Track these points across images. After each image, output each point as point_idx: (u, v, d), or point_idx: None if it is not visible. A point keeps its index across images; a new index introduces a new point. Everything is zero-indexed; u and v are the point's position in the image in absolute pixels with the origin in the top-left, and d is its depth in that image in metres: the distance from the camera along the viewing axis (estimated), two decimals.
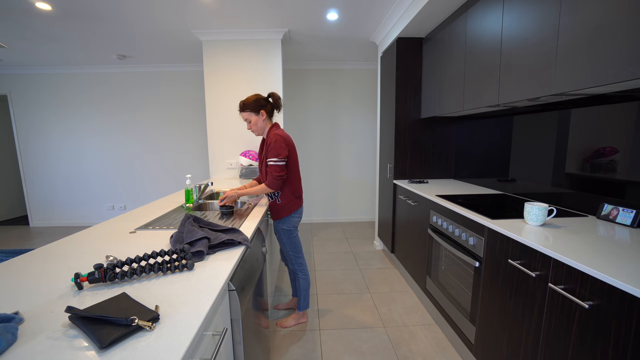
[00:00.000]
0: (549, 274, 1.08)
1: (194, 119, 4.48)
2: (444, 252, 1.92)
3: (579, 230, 1.26)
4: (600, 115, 1.44)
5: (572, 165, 1.60)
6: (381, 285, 2.62)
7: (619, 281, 0.82)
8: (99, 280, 0.84)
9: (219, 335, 0.81)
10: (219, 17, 2.74)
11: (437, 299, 2.03)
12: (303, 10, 2.61)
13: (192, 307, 0.74)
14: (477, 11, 1.90)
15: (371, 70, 4.37)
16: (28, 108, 4.42)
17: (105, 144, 4.54)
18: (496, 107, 1.85)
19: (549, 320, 1.09)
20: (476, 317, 1.55)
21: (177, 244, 1.14)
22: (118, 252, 1.11)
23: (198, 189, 1.98)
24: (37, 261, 1.04)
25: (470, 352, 1.63)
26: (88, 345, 0.61)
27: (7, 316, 0.66)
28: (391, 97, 2.87)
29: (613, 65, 1.06)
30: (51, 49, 3.51)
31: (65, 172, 4.58)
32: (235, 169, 3.27)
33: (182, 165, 4.59)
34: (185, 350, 0.60)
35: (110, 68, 4.32)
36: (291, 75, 4.33)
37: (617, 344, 0.84)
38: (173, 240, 1.18)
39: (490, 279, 1.43)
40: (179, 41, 3.32)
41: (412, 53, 2.73)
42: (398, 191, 2.78)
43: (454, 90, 2.19)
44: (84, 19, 2.69)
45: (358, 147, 4.54)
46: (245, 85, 3.15)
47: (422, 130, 2.82)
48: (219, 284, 0.86)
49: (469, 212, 1.60)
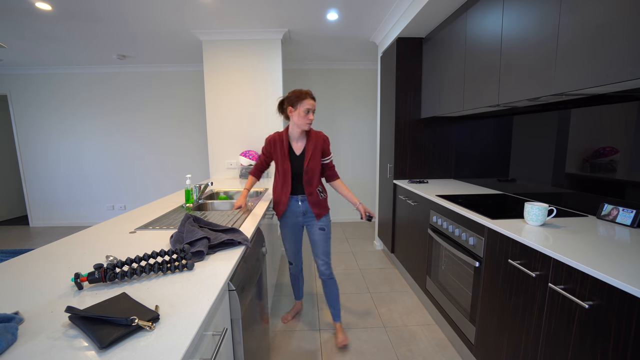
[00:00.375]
0: (549, 274, 1.08)
1: (194, 119, 4.48)
2: (444, 252, 1.92)
3: (579, 230, 1.26)
4: (600, 115, 1.44)
5: (572, 165, 1.60)
6: (381, 285, 2.62)
7: (619, 281, 0.82)
8: (99, 280, 0.84)
9: (219, 335, 0.81)
10: (218, 17, 2.74)
11: (437, 299, 2.03)
12: (303, 10, 2.61)
13: (192, 307, 0.74)
14: (477, 11, 1.90)
15: (371, 70, 4.37)
16: (28, 108, 4.42)
17: (105, 143, 4.54)
18: (496, 107, 1.85)
19: (549, 320, 1.08)
20: (476, 317, 1.55)
21: (177, 244, 1.14)
22: (118, 252, 1.11)
23: (198, 189, 1.98)
24: (37, 261, 1.04)
25: (470, 352, 1.63)
26: (88, 345, 0.61)
27: (7, 316, 0.66)
28: (391, 97, 2.87)
29: (613, 65, 1.06)
30: (51, 49, 3.51)
31: (65, 171, 4.58)
32: (235, 169, 3.27)
33: (182, 165, 4.59)
34: (185, 350, 0.60)
35: (111, 68, 4.32)
36: (291, 75, 4.33)
37: (617, 344, 0.84)
38: (173, 240, 1.18)
39: (490, 279, 1.43)
40: (179, 41, 3.32)
41: (412, 53, 2.73)
42: (398, 191, 2.78)
43: (454, 90, 2.19)
44: (84, 19, 2.69)
45: (358, 147, 4.54)
46: (245, 85, 3.16)
47: (422, 130, 2.82)
48: (219, 284, 0.86)
49: (469, 212, 1.60)
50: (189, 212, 1.78)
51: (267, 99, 3.16)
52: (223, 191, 2.45)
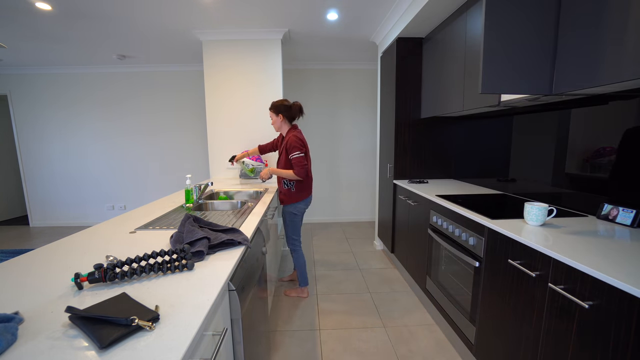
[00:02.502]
0: (548, 274, 1.08)
1: (194, 118, 4.48)
2: (444, 252, 1.92)
3: (579, 230, 1.26)
4: (601, 115, 1.44)
5: (572, 165, 1.60)
6: (381, 285, 2.62)
7: (619, 281, 0.82)
8: (99, 280, 0.84)
9: (219, 335, 0.81)
10: (218, 17, 2.74)
11: (437, 299, 2.03)
12: (303, 10, 2.61)
13: (192, 307, 0.74)
14: (477, 11, 1.90)
15: (371, 70, 4.37)
16: (28, 108, 4.42)
17: (106, 143, 4.54)
18: (496, 107, 1.85)
19: (549, 320, 1.09)
20: (476, 317, 1.55)
21: (177, 244, 1.14)
22: (118, 252, 1.11)
23: (198, 189, 1.98)
24: (37, 261, 1.04)
25: (470, 352, 1.63)
26: (88, 345, 0.61)
27: (7, 316, 0.66)
28: (391, 97, 2.87)
29: (613, 65, 1.06)
30: (51, 49, 3.51)
31: (66, 171, 4.58)
32: (235, 169, 3.27)
33: (182, 165, 4.59)
34: (185, 350, 0.60)
35: (111, 68, 4.32)
36: (291, 75, 4.33)
37: (617, 344, 0.84)
38: (173, 240, 1.18)
39: (490, 279, 1.43)
40: (179, 41, 3.32)
41: (412, 53, 2.73)
42: (398, 191, 2.78)
43: (454, 90, 2.19)
44: (84, 18, 2.69)
45: (358, 147, 4.54)
46: (245, 85, 3.15)
47: (422, 130, 2.82)
48: (219, 284, 0.86)
49: (469, 212, 1.60)
50: (189, 212, 1.78)
51: (267, 98, 3.16)
52: (223, 191, 2.45)
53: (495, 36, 1.32)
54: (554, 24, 1.31)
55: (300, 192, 2.35)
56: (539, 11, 1.30)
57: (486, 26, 1.31)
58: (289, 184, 2.34)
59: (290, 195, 2.36)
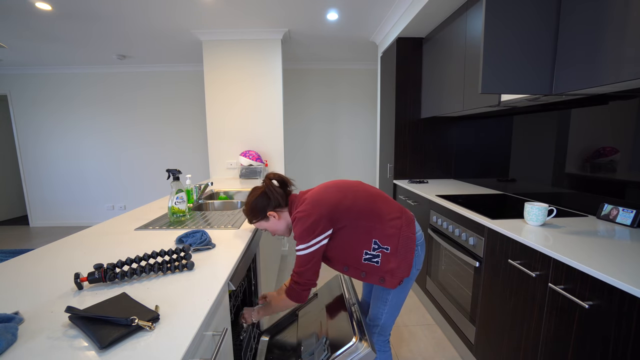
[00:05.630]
0: (549, 274, 1.08)
1: (194, 118, 4.48)
2: (444, 252, 1.92)
3: (579, 230, 1.26)
4: (601, 115, 1.44)
5: (572, 165, 1.60)
6: None
7: (619, 281, 0.82)
8: (99, 280, 0.84)
9: (219, 335, 0.81)
10: (219, 17, 2.74)
11: (437, 299, 2.03)
12: (303, 10, 2.61)
13: (192, 307, 0.74)
14: (477, 11, 1.90)
15: (371, 70, 4.37)
16: (28, 108, 4.42)
17: (106, 143, 4.54)
18: (496, 107, 1.84)
19: (549, 320, 1.08)
20: (476, 317, 1.55)
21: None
22: (118, 252, 1.11)
23: (198, 189, 1.98)
24: (37, 261, 1.04)
25: (470, 352, 1.63)
26: (88, 345, 0.61)
27: (7, 316, 0.66)
28: (391, 97, 2.87)
29: (613, 65, 1.06)
30: (51, 48, 3.51)
31: (65, 172, 4.58)
32: (235, 169, 3.27)
33: (182, 165, 4.58)
34: (185, 350, 0.60)
35: (111, 68, 4.32)
36: (291, 75, 4.33)
37: (617, 344, 0.84)
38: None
39: (490, 279, 1.43)
40: (179, 41, 3.32)
41: (412, 53, 2.73)
42: (398, 191, 2.78)
43: (454, 90, 2.19)
44: (84, 19, 2.69)
45: (358, 147, 4.54)
46: (245, 85, 3.15)
47: (422, 130, 2.82)
48: (219, 284, 0.86)
49: (469, 212, 1.60)
50: (189, 212, 1.75)
51: (267, 99, 3.16)
52: (223, 191, 2.45)
53: (495, 36, 1.32)
54: (554, 23, 1.31)
55: (404, 254, 1.11)
56: (539, 11, 1.30)
57: (486, 26, 1.31)
58: (373, 258, 1.13)
59: (391, 271, 1.11)
